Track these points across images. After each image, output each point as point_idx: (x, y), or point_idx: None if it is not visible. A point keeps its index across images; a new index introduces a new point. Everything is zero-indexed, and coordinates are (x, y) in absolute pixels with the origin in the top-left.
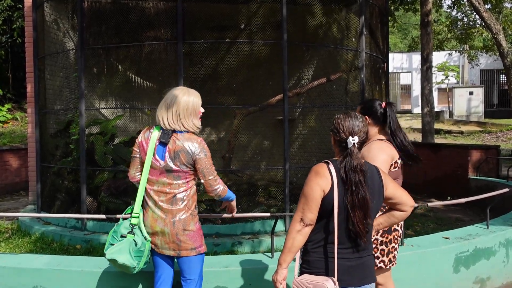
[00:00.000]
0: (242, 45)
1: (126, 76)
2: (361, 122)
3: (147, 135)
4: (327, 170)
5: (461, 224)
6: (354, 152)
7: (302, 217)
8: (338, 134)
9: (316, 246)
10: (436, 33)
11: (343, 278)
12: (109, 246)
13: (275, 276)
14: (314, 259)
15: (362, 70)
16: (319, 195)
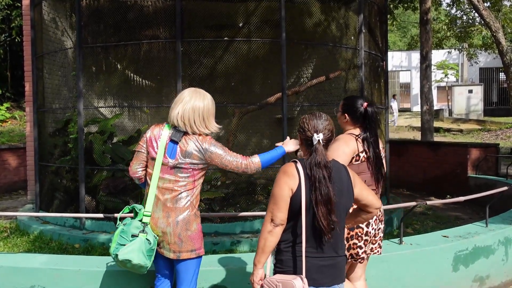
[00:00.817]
0: (240, 44)
1: (124, 75)
2: (325, 121)
3: (157, 132)
4: (295, 169)
5: (460, 223)
6: (319, 149)
7: (272, 217)
8: (304, 133)
9: (287, 246)
10: (435, 31)
11: (316, 277)
12: (118, 247)
13: (252, 277)
14: (286, 258)
15: (361, 69)
16: (288, 194)
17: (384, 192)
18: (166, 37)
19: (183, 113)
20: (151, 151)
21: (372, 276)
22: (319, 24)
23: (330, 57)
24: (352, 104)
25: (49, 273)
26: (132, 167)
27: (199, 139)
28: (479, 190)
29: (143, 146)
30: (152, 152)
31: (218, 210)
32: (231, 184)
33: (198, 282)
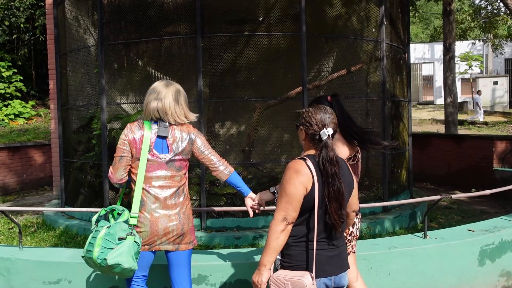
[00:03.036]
0: (260, 38)
1: (146, 71)
2: (331, 114)
3: (138, 131)
4: (307, 167)
5: (486, 217)
6: (330, 144)
7: (286, 216)
8: (310, 127)
9: (297, 241)
10: (459, 22)
11: (325, 268)
12: (105, 251)
13: (259, 278)
14: (296, 253)
15: (382, 61)
16: (302, 194)
17: (407, 185)
18: (187, 32)
19: (163, 105)
20: (137, 152)
21: (396, 270)
22: (339, 17)
23: (351, 50)
24: (318, 102)
25: (76, 267)
26: (116, 175)
27: (184, 129)
28: (505, 183)
29: (126, 150)
30: (138, 152)
31: (240, 205)
32: (252, 178)
33: (221, 276)
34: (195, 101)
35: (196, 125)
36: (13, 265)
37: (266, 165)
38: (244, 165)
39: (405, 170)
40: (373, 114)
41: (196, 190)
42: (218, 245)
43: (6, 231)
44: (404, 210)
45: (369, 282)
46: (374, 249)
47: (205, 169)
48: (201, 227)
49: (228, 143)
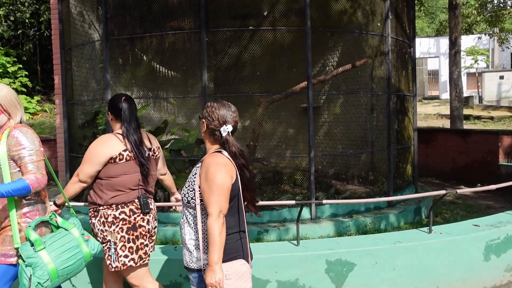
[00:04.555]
0: (265, 33)
1: (150, 66)
2: (233, 112)
3: None
4: (227, 159)
5: (492, 212)
6: (230, 140)
7: (221, 208)
8: (212, 122)
9: (231, 232)
10: (464, 16)
11: (249, 252)
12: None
13: (216, 277)
14: (230, 245)
15: (388, 56)
16: (231, 183)
17: (412, 180)
18: (191, 27)
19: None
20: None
21: (400, 265)
22: (344, 11)
23: (356, 45)
24: (113, 101)
25: None
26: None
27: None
28: (510, 178)
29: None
30: None
31: None
32: (257, 173)
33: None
34: (199, 96)
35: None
36: None
37: (271, 160)
38: (249, 160)
39: (410, 165)
40: (378, 109)
41: None
42: None
43: None
44: (409, 205)
45: (374, 277)
46: (379, 244)
47: None
48: None
49: None
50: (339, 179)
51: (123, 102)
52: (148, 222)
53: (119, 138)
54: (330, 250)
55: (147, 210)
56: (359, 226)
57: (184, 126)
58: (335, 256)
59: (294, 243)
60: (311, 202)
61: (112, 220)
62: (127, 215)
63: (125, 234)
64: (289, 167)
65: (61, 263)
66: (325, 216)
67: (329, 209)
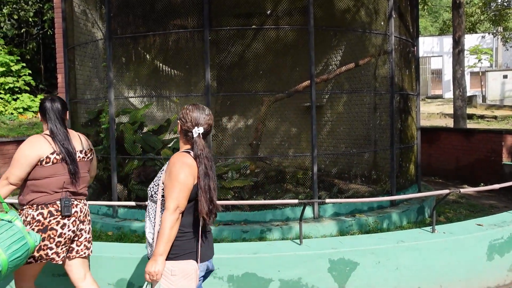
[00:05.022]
0: (268, 31)
1: (153, 65)
2: (207, 115)
3: None
4: (192, 159)
5: (495, 211)
6: (198, 142)
7: (179, 204)
8: (185, 123)
9: (185, 231)
10: (468, 15)
11: (207, 253)
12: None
13: (156, 267)
14: (183, 243)
15: (391, 55)
16: (193, 183)
17: (415, 180)
18: (194, 26)
19: None
20: None
21: (403, 264)
22: (348, 10)
23: (360, 44)
24: (41, 103)
25: None
26: None
27: None
28: None
29: None
30: None
31: (248, 198)
32: (260, 172)
33: (229, 269)
34: (202, 95)
35: None
36: None
37: (274, 159)
38: (252, 159)
39: (413, 164)
40: (381, 108)
41: None
42: (226, 239)
43: None
44: (412, 204)
45: (377, 276)
46: (382, 243)
47: None
48: None
49: (236, 137)
50: (342, 178)
51: (47, 102)
52: (64, 226)
53: (47, 140)
54: (333, 249)
55: (67, 213)
56: (362, 225)
57: None
58: (338, 255)
59: (297, 242)
60: (314, 201)
61: (29, 220)
62: (43, 217)
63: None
64: (292, 166)
65: (10, 254)
66: (328, 215)
67: (332, 208)
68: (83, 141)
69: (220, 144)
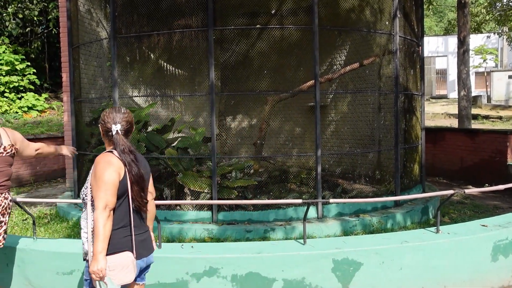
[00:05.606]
0: (272, 31)
1: (158, 64)
2: (123, 114)
3: None
4: (116, 157)
5: (500, 212)
6: (119, 138)
7: (107, 202)
8: (105, 124)
9: (117, 227)
10: (473, 15)
11: (140, 251)
12: None
13: (98, 265)
14: (116, 240)
15: (396, 54)
16: (118, 179)
17: (420, 180)
18: (198, 25)
19: None
20: None
21: (407, 265)
22: (352, 9)
23: (364, 43)
24: None
25: None
26: None
27: None
28: None
29: None
30: None
31: (251, 198)
32: (264, 172)
33: (232, 269)
34: (206, 94)
35: (208, 118)
36: (27, 255)
37: (278, 158)
38: (256, 158)
39: (418, 165)
40: (386, 108)
41: (207, 183)
42: (229, 238)
43: (20, 222)
44: (416, 204)
45: (381, 277)
46: (386, 243)
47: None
48: (213, 220)
49: (240, 137)
50: (346, 178)
51: None
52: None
53: None
54: (336, 249)
55: None
56: (366, 226)
57: (191, 124)
58: (342, 255)
59: (301, 242)
60: (317, 201)
61: None
62: None
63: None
64: (295, 165)
65: None
66: (331, 215)
67: (335, 208)
68: (4, 137)
69: (224, 143)
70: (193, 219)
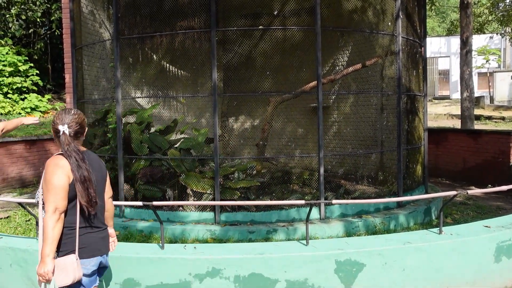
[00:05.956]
0: (275, 32)
1: (160, 65)
2: (73, 115)
3: None
4: (65, 160)
5: (503, 213)
6: (64, 138)
7: (57, 206)
8: (54, 125)
9: (70, 229)
10: (476, 15)
11: (100, 248)
12: None
13: (45, 268)
14: (67, 242)
15: (398, 55)
16: (67, 183)
17: (422, 181)
18: (201, 26)
19: None
20: None
21: (410, 266)
22: (355, 10)
23: (367, 44)
24: None
25: None
26: None
27: None
28: None
29: None
30: None
31: (254, 199)
32: (266, 173)
33: (236, 269)
34: (209, 95)
35: (210, 119)
36: (30, 256)
37: (280, 159)
38: (258, 159)
39: (420, 165)
40: (388, 108)
41: (210, 184)
42: (232, 239)
43: (23, 223)
44: (419, 205)
45: (383, 278)
46: (389, 244)
47: (219, 163)
48: (215, 221)
49: (242, 137)
50: (349, 179)
51: None
52: None
53: None
54: (339, 250)
55: None
56: (369, 227)
57: (193, 125)
58: (345, 256)
59: (303, 243)
60: (320, 202)
61: None
62: None
63: None
64: (298, 166)
65: None
66: (334, 216)
67: (338, 209)
68: None
69: (226, 144)
70: (196, 220)
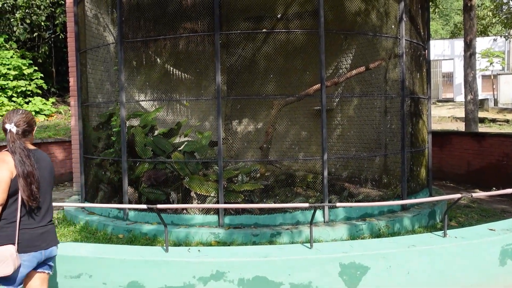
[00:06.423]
0: (279, 35)
1: (164, 68)
2: (21, 115)
3: None
4: (9, 156)
5: (507, 216)
6: (9, 136)
7: None
8: (3, 125)
9: (9, 222)
10: (480, 18)
11: (37, 244)
12: None
13: None
14: (5, 234)
15: (402, 58)
16: (9, 177)
17: (426, 184)
18: (205, 30)
19: None
20: None
21: (415, 269)
22: (358, 13)
23: (370, 47)
24: None
25: (96, 262)
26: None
27: None
28: None
29: None
30: None
31: (258, 202)
32: (270, 176)
33: (240, 272)
34: (213, 98)
35: (214, 122)
36: None
37: (284, 162)
38: (262, 162)
39: (424, 168)
40: (392, 111)
41: (214, 187)
42: (236, 242)
43: None
44: (423, 208)
45: (388, 281)
46: (393, 247)
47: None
48: (219, 224)
49: (246, 140)
50: (353, 182)
51: None
52: None
53: None
54: (343, 253)
55: None
56: (373, 230)
57: (197, 128)
58: (349, 259)
59: (308, 246)
60: (324, 205)
61: None
62: None
63: None
64: (302, 169)
65: None
66: (338, 219)
67: (342, 212)
68: None
69: (230, 147)
70: (200, 223)
